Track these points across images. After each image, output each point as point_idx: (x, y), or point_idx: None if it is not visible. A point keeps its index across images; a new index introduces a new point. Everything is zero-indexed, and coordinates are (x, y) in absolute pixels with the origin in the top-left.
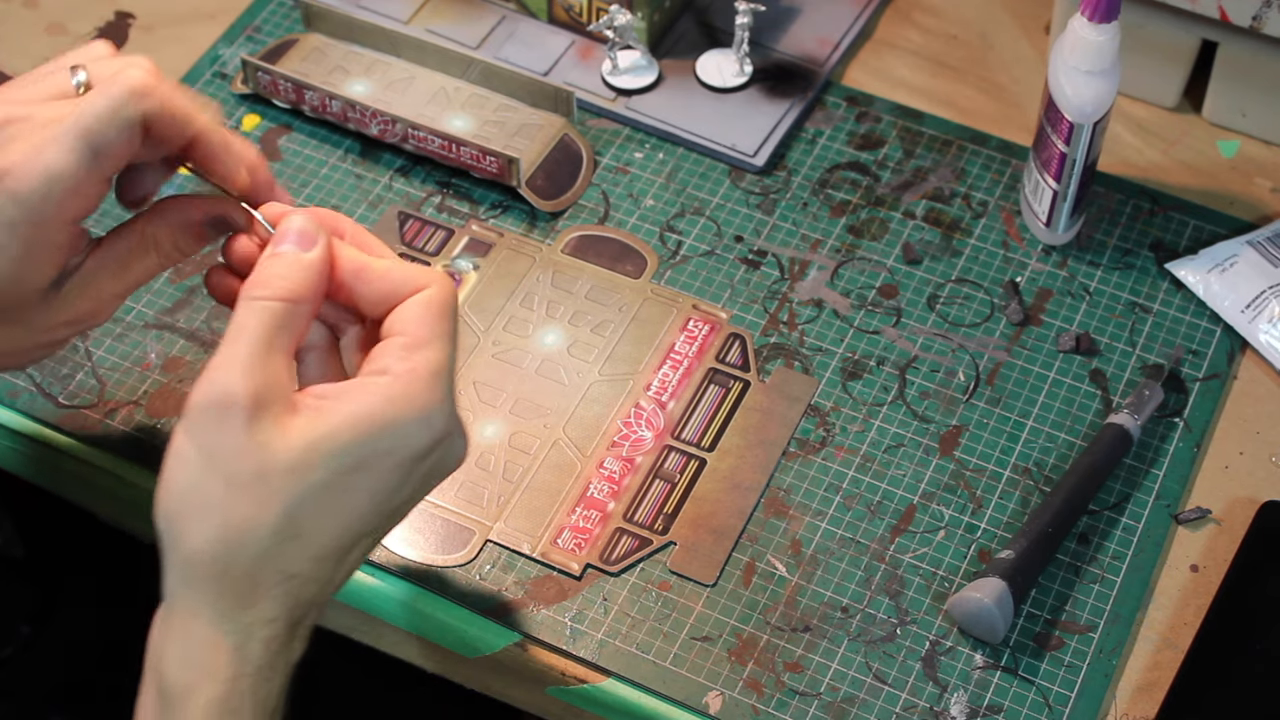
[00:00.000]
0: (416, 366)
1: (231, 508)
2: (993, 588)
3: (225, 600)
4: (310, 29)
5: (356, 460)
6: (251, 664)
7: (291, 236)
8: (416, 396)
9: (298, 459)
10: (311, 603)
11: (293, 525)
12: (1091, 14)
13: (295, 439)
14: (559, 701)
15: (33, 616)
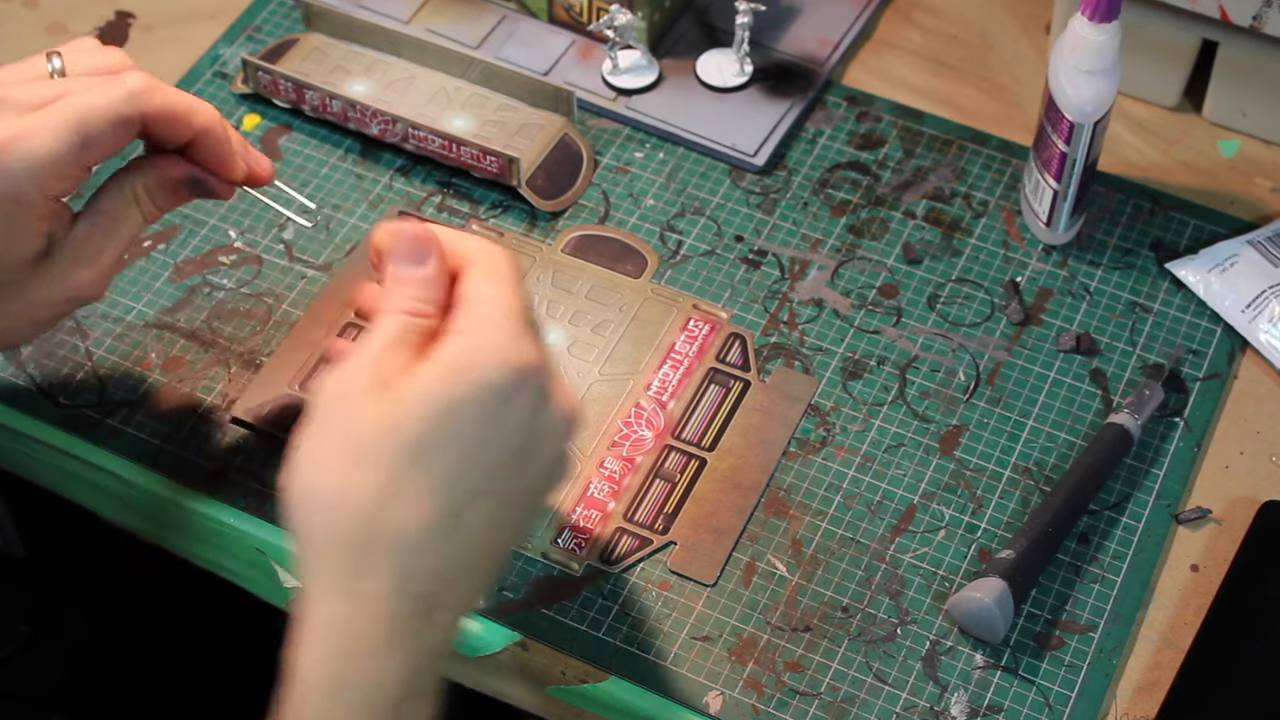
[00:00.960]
0: (482, 315)
1: (336, 474)
2: (993, 587)
3: (336, 570)
4: (310, 29)
5: (440, 410)
6: (365, 640)
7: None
8: (485, 339)
9: (388, 419)
10: (435, 577)
11: (392, 485)
12: (1092, 14)
13: (387, 404)
14: (559, 701)
15: (33, 616)
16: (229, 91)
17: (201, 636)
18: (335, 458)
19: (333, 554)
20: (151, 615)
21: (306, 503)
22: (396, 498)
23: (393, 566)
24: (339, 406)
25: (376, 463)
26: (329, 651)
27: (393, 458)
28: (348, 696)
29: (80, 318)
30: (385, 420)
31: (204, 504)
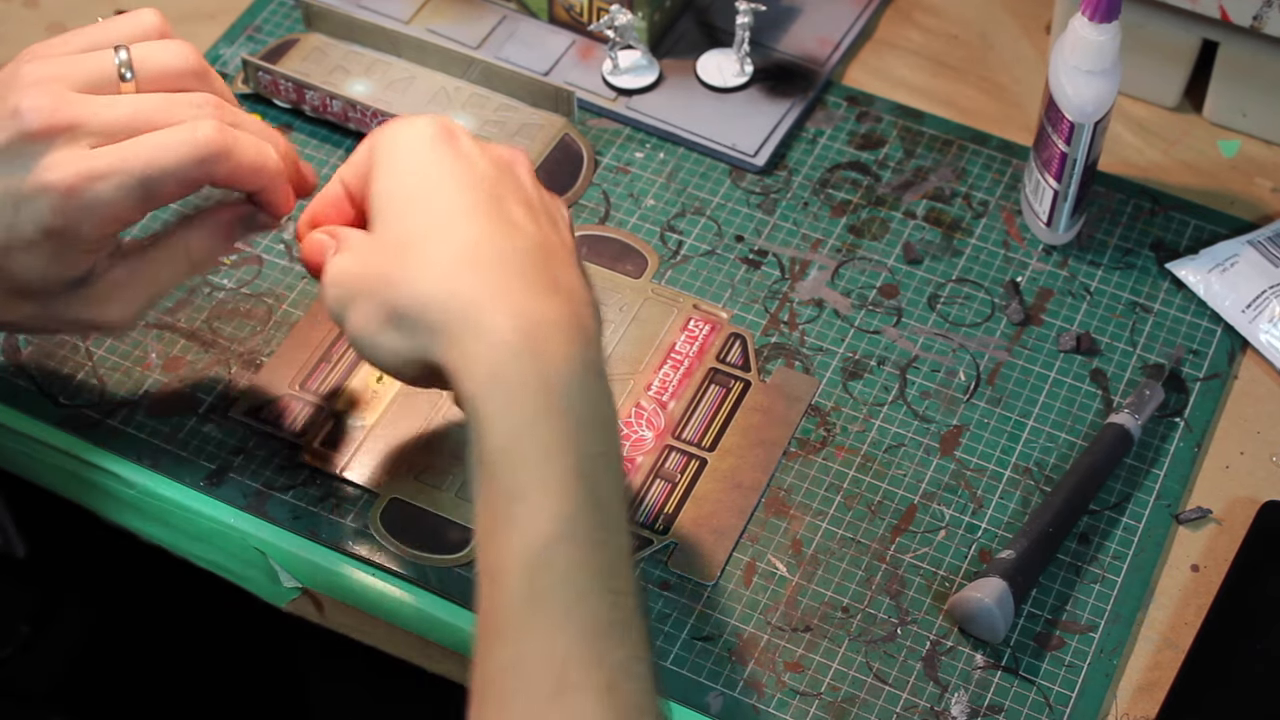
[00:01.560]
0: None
1: (388, 273)
2: (993, 588)
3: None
4: (311, 29)
5: (397, 156)
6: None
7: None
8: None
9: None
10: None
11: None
12: (1092, 14)
13: (372, 207)
14: None
15: (33, 616)
16: None
17: (201, 636)
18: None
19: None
20: (151, 615)
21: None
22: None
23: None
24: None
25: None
26: (479, 361)
27: (411, 218)
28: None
29: None
30: (376, 225)
31: (204, 504)
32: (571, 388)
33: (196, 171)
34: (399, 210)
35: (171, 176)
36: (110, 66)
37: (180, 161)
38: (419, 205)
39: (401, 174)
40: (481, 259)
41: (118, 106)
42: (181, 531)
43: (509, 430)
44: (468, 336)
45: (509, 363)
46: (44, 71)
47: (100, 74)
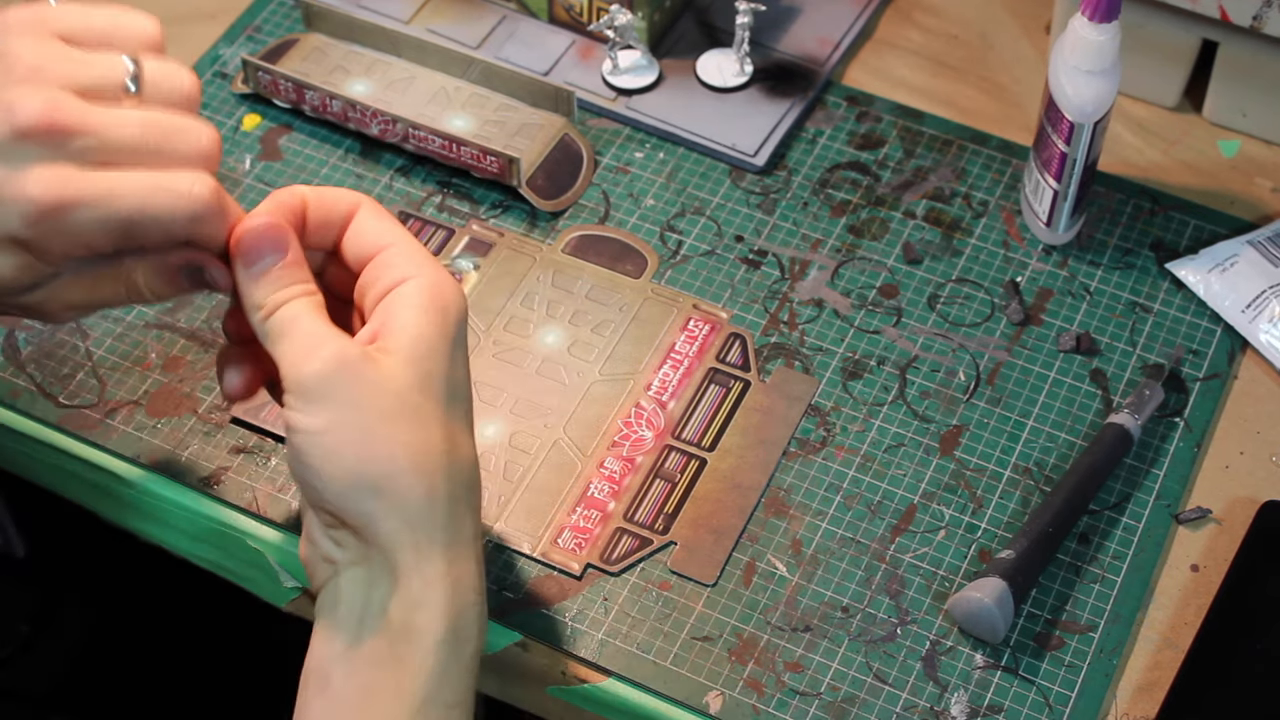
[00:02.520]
0: (422, 260)
1: (408, 442)
2: (993, 587)
3: (439, 532)
4: (310, 29)
5: (448, 348)
6: (469, 589)
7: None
8: (441, 275)
9: (416, 376)
10: (478, 501)
11: (449, 432)
12: (1092, 14)
13: (403, 363)
14: (559, 701)
15: (33, 616)
16: (229, 91)
17: (201, 636)
18: (390, 425)
19: (431, 514)
20: (151, 615)
21: (395, 486)
22: (455, 439)
23: (473, 510)
24: (357, 382)
25: (429, 417)
26: (446, 609)
27: (439, 402)
28: (463, 650)
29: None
30: (414, 373)
31: (204, 504)
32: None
33: (185, 229)
34: (441, 385)
35: (159, 226)
36: (119, 75)
37: (172, 215)
38: (457, 397)
39: (454, 346)
40: (476, 499)
41: (123, 125)
42: (181, 531)
43: (443, 683)
44: (443, 577)
45: (469, 625)
46: (43, 60)
47: (107, 80)
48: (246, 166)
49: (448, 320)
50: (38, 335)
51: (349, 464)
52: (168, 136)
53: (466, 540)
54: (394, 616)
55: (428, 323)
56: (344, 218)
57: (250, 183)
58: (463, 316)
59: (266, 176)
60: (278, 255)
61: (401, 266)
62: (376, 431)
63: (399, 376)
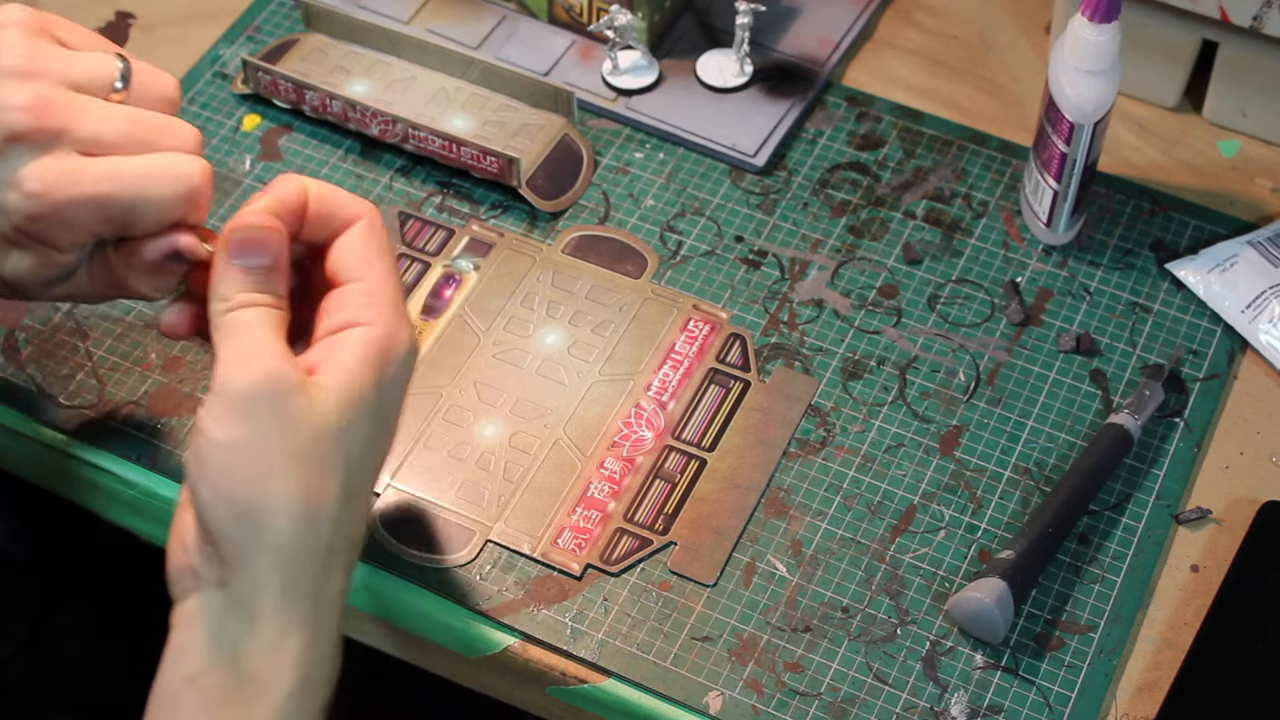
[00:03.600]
0: (383, 308)
1: (307, 485)
2: (993, 588)
3: (307, 582)
4: (310, 29)
5: (377, 405)
6: (327, 643)
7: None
8: (395, 330)
9: (338, 423)
10: (357, 546)
11: (351, 486)
12: (1092, 14)
13: (330, 406)
14: (559, 701)
15: (33, 616)
16: (229, 92)
17: None
18: (296, 469)
19: (305, 566)
20: (151, 615)
21: (275, 519)
22: (354, 499)
23: (346, 567)
24: (280, 410)
25: (337, 468)
26: (298, 661)
27: (349, 461)
28: (312, 704)
29: (80, 318)
30: (334, 423)
31: None
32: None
33: (180, 210)
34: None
35: (156, 209)
36: (108, 73)
37: (168, 196)
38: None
39: (382, 403)
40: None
41: (113, 118)
42: None
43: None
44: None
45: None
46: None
47: (95, 78)
48: (246, 167)
49: (384, 375)
50: (37, 335)
51: (241, 489)
52: (153, 131)
53: (333, 596)
54: (246, 657)
55: (364, 375)
56: (341, 225)
57: (250, 183)
58: (403, 371)
59: (266, 177)
60: (263, 259)
61: (359, 309)
62: (280, 466)
63: (322, 419)
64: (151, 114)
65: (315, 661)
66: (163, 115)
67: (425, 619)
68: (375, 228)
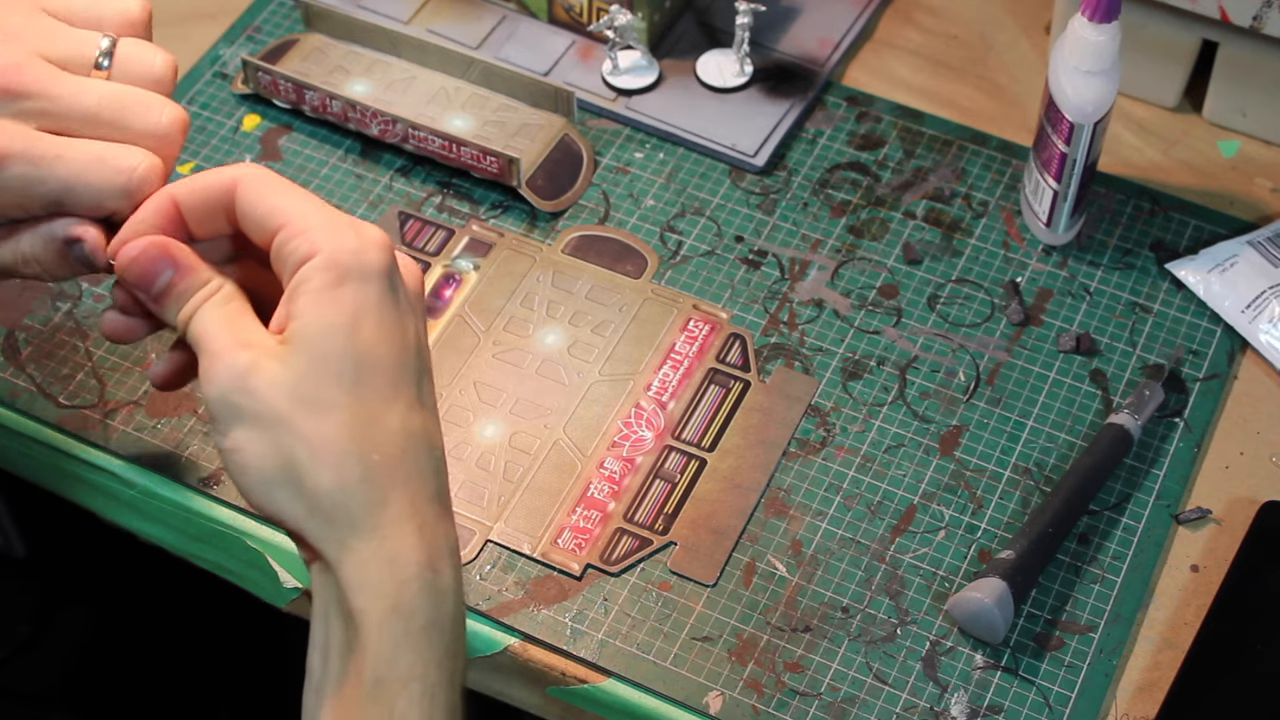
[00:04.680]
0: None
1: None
2: (993, 588)
3: (358, 511)
4: (310, 29)
5: (347, 325)
6: (412, 564)
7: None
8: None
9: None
10: (437, 472)
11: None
12: (1092, 14)
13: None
14: (559, 701)
15: (33, 616)
16: (229, 92)
17: (201, 636)
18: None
19: (345, 500)
20: (151, 615)
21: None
22: (372, 415)
23: (406, 476)
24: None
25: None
26: (382, 586)
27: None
28: (411, 624)
29: (80, 318)
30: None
31: (204, 504)
32: (452, 619)
33: (116, 203)
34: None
35: (92, 195)
36: (91, 51)
37: (108, 187)
38: (367, 371)
39: (358, 320)
40: (410, 468)
41: (83, 95)
42: (181, 531)
43: (394, 660)
44: (375, 557)
45: (414, 599)
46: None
47: (78, 54)
48: None
49: (352, 292)
50: (37, 335)
51: (258, 475)
52: (126, 111)
53: (399, 516)
54: (343, 605)
55: (323, 304)
56: (225, 202)
57: None
58: (377, 275)
59: None
60: (167, 271)
61: (297, 245)
62: (273, 437)
63: (291, 373)
64: (127, 92)
65: (400, 585)
66: (140, 93)
67: None
68: (259, 181)
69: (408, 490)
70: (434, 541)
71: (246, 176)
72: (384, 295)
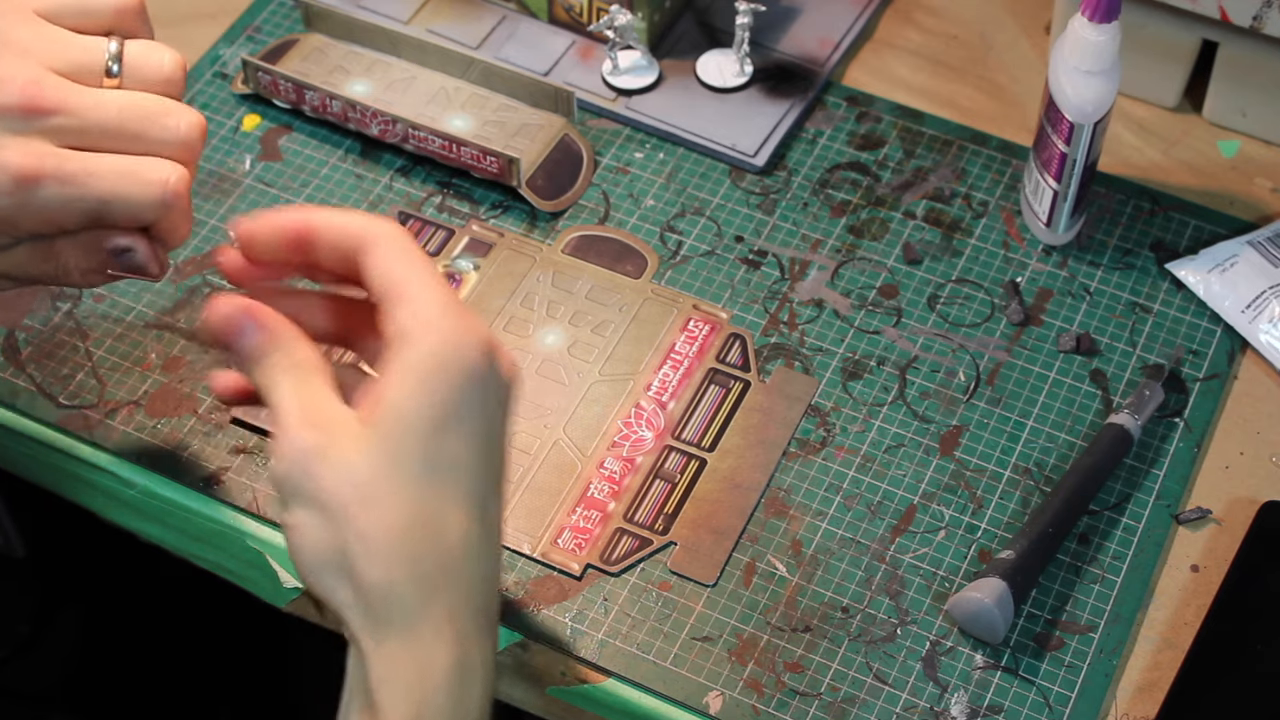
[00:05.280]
0: (421, 315)
1: (366, 528)
2: (993, 588)
3: (403, 606)
4: (310, 29)
5: (432, 419)
6: (440, 672)
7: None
8: (441, 329)
9: (383, 450)
10: (486, 582)
11: (423, 516)
12: (1092, 14)
13: (375, 438)
14: (559, 701)
15: (33, 616)
16: (229, 91)
17: (201, 636)
18: (346, 516)
19: (389, 596)
20: (151, 615)
21: (358, 569)
22: (434, 518)
23: (454, 585)
24: (306, 476)
25: (395, 499)
26: (409, 689)
27: (410, 481)
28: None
29: (80, 317)
30: (381, 453)
31: (204, 504)
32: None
33: (154, 214)
34: (418, 463)
35: (129, 209)
36: (100, 58)
37: (144, 200)
38: (440, 473)
39: (444, 419)
40: (460, 577)
41: (104, 107)
42: (181, 531)
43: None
44: (406, 658)
45: (438, 710)
46: (25, 39)
47: (88, 63)
48: (246, 167)
49: (445, 386)
50: (37, 335)
51: (312, 556)
52: (147, 121)
53: (438, 624)
54: (368, 695)
55: (413, 396)
56: (356, 248)
57: (250, 183)
58: (475, 376)
59: (266, 176)
60: (253, 331)
61: (407, 325)
62: (332, 524)
63: (364, 462)
64: (146, 100)
65: (428, 692)
66: (159, 101)
67: None
68: (395, 245)
69: (452, 599)
70: (468, 655)
71: (387, 237)
72: (476, 398)
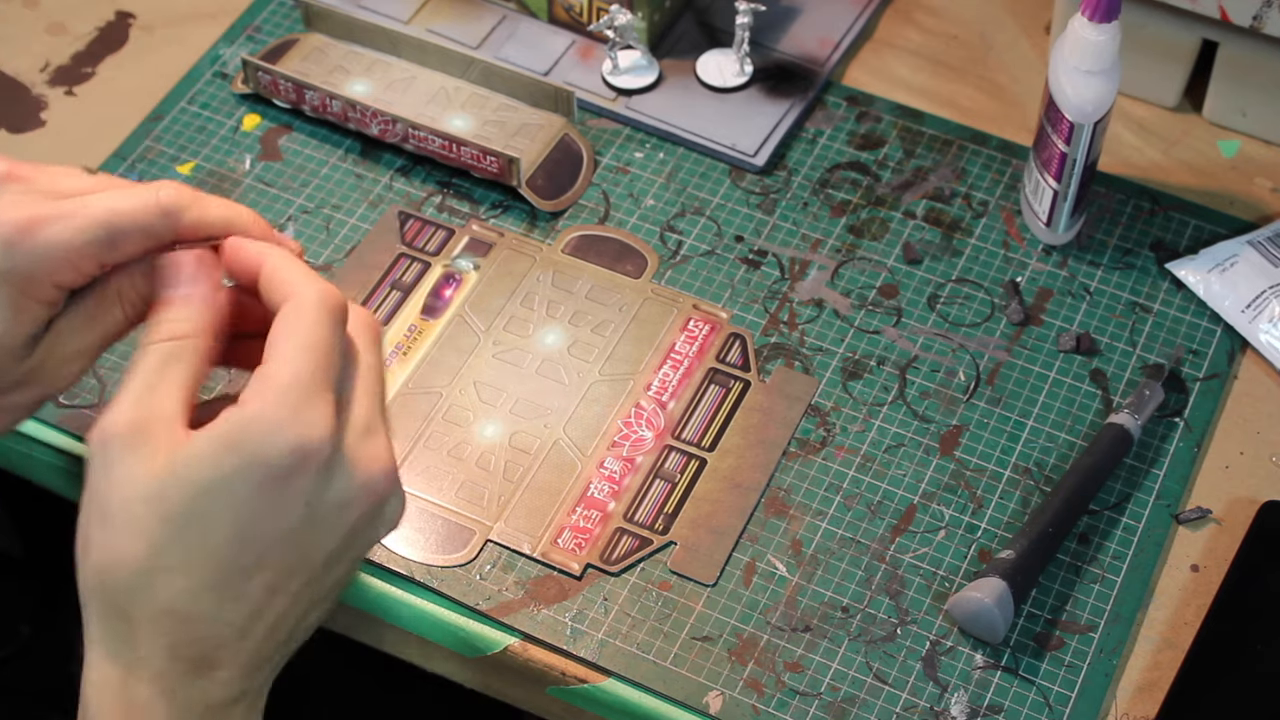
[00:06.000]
0: (267, 380)
1: (103, 541)
2: (993, 588)
3: (110, 634)
4: (310, 29)
5: (208, 485)
6: (139, 703)
7: (177, 277)
8: (264, 413)
9: (156, 488)
10: (209, 641)
11: (158, 556)
12: (1092, 14)
13: (159, 468)
14: (559, 701)
15: (33, 616)
16: (229, 91)
17: None
18: (100, 520)
19: (106, 618)
20: None
21: (82, 564)
22: (164, 571)
23: (160, 635)
24: (102, 459)
25: (140, 533)
26: (106, 709)
27: (159, 529)
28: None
29: None
30: (151, 488)
31: None
32: None
33: (160, 222)
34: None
35: (134, 223)
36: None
37: (142, 209)
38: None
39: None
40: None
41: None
42: None
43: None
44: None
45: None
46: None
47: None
48: (246, 166)
49: (248, 467)
50: None
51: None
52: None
53: (148, 660)
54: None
55: (208, 449)
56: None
57: (250, 183)
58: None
59: (266, 176)
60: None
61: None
62: (85, 513)
63: (141, 476)
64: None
65: (128, 698)
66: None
67: (425, 619)
68: (301, 312)
69: (169, 640)
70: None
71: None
72: (256, 488)
